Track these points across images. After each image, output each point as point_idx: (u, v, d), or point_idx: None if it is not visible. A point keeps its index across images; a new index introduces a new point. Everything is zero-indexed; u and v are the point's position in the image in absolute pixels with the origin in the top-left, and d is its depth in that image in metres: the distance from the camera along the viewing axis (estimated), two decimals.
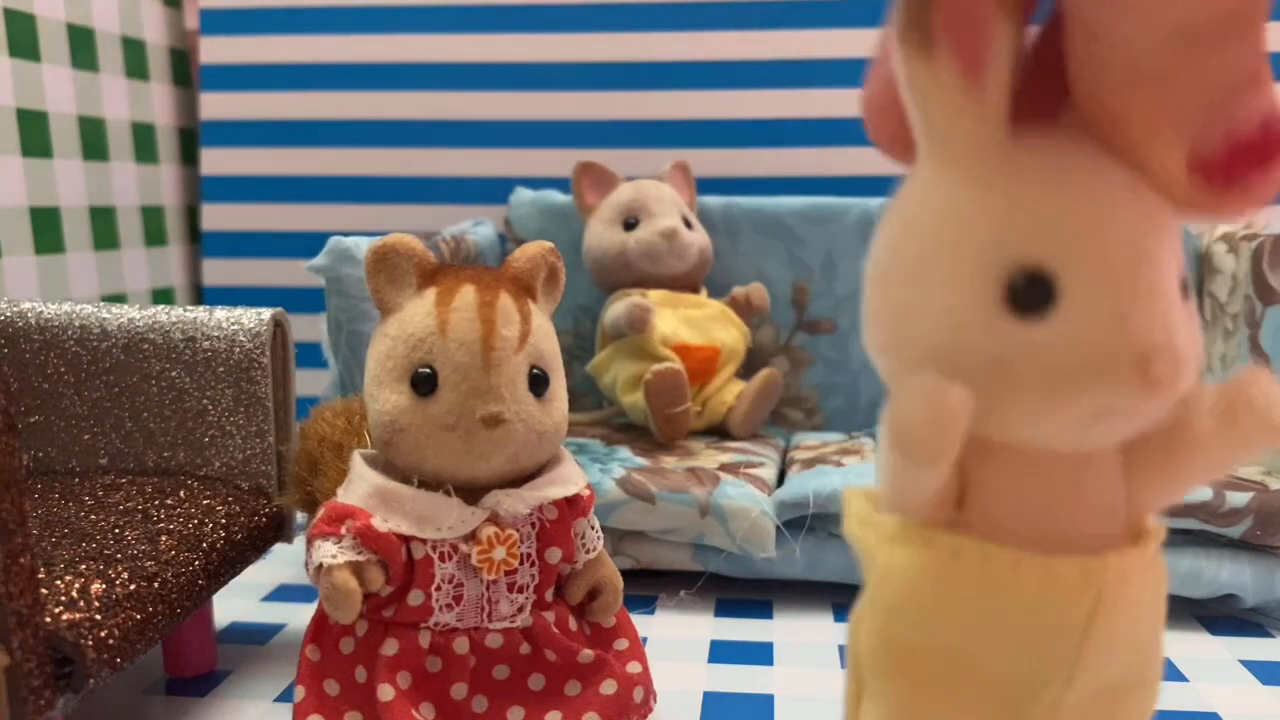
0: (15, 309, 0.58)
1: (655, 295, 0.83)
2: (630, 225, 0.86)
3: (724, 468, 0.73)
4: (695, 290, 0.88)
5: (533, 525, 0.45)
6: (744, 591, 0.73)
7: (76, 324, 0.58)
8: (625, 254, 0.85)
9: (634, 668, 0.48)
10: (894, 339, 0.18)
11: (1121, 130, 0.16)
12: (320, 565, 0.42)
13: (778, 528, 0.69)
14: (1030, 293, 0.16)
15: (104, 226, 0.99)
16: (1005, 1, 0.15)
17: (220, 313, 0.58)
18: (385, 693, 0.43)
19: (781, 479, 0.77)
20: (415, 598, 0.44)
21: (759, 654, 0.63)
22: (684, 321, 0.83)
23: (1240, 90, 0.15)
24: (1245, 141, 0.15)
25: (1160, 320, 0.16)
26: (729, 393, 0.84)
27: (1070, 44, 0.15)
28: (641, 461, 0.74)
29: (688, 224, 0.88)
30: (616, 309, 0.81)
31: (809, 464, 0.75)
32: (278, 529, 0.57)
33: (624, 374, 0.81)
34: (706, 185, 0.99)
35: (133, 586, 0.43)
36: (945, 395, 0.17)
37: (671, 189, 0.89)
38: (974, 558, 0.18)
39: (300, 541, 0.48)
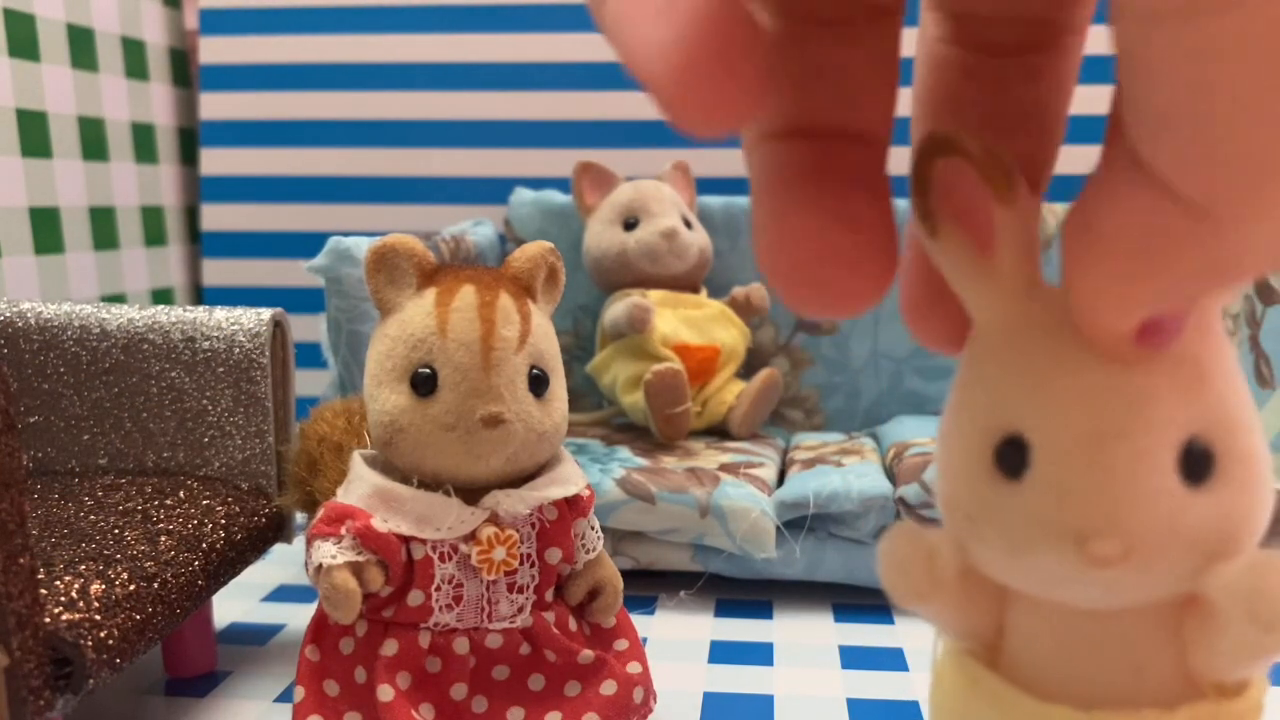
0: (15, 309, 0.58)
1: (655, 295, 0.83)
2: (630, 225, 0.86)
3: (724, 468, 0.73)
4: (695, 290, 0.88)
5: (533, 525, 0.45)
6: (744, 591, 0.73)
7: (76, 324, 0.58)
8: (625, 254, 0.85)
9: (634, 668, 0.48)
10: (937, 480, 0.19)
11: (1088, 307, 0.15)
12: (320, 565, 0.42)
13: (778, 528, 0.69)
14: (1009, 456, 0.17)
15: (104, 227, 0.99)
16: (997, 185, 0.15)
17: (220, 313, 0.58)
18: (385, 693, 0.43)
19: (782, 479, 0.77)
20: (415, 598, 0.44)
21: (759, 654, 0.63)
22: (684, 321, 0.83)
23: None
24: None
25: (1107, 501, 0.16)
26: (729, 393, 0.84)
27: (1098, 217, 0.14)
28: (641, 461, 0.74)
29: (688, 224, 0.88)
30: (616, 309, 0.81)
31: (809, 464, 0.75)
32: (277, 529, 0.57)
33: (624, 374, 0.81)
34: (706, 185, 0.99)
35: (132, 587, 0.43)
36: (917, 540, 0.18)
37: (671, 189, 0.89)
38: (988, 689, 0.19)
39: (300, 542, 0.48)
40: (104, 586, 0.42)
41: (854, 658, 0.62)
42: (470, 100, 1.08)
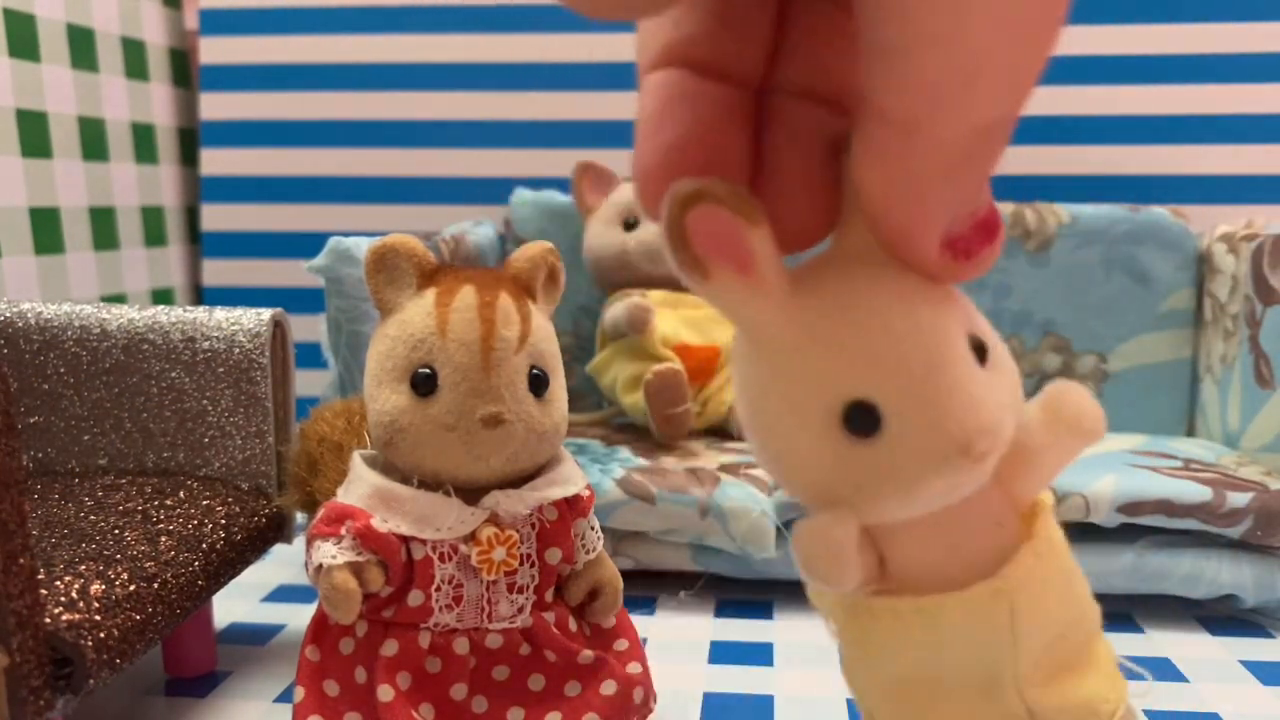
0: (15, 309, 0.58)
1: (655, 296, 0.83)
2: (630, 225, 0.86)
3: (724, 468, 0.73)
4: None
5: (532, 526, 0.45)
6: (744, 592, 0.73)
7: (76, 324, 0.58)
8: (625, 254, 0.85)
9: (634, 668, 0.48)
10: (780, 481, 0.21)
11: (886, 227, 0.18)
12: (320, 566, 0.42)
13: (778, 528, 0.69)
14: (861, 417, 0.19)
15: (104, 227, 0.99)
16: (748, 214, 0.17)
17: (220, 313, 0.58)
18: (385, 693, 0.43)
19: None
20: (415, 598, 0.44)
21: (759, 654, 0.63)
22: (684, 322, 0.83)
23: (989, 175, 0.17)
24: (982, 221, 0.18)
25: (965, 409, 0.19)
26: (729, 393, 0.84)
27: (861, 147, 0.17)
28: (641, 462, 0.74)
29: None
30: (616, 310, 0.81)
31: None
32: (277, 529, 0.57)
33: (624, 374, 0.81)
34: None
35: (132, 587, 0.43)
36: (829, 530, 0.21)
37: None
38: (910, 612, 0.22)
39: (300, 542, 0.48)
40: (104, 587, 0.42)
41: None
42: (470, 100, 1.08)
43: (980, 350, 0.20)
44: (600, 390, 0.88)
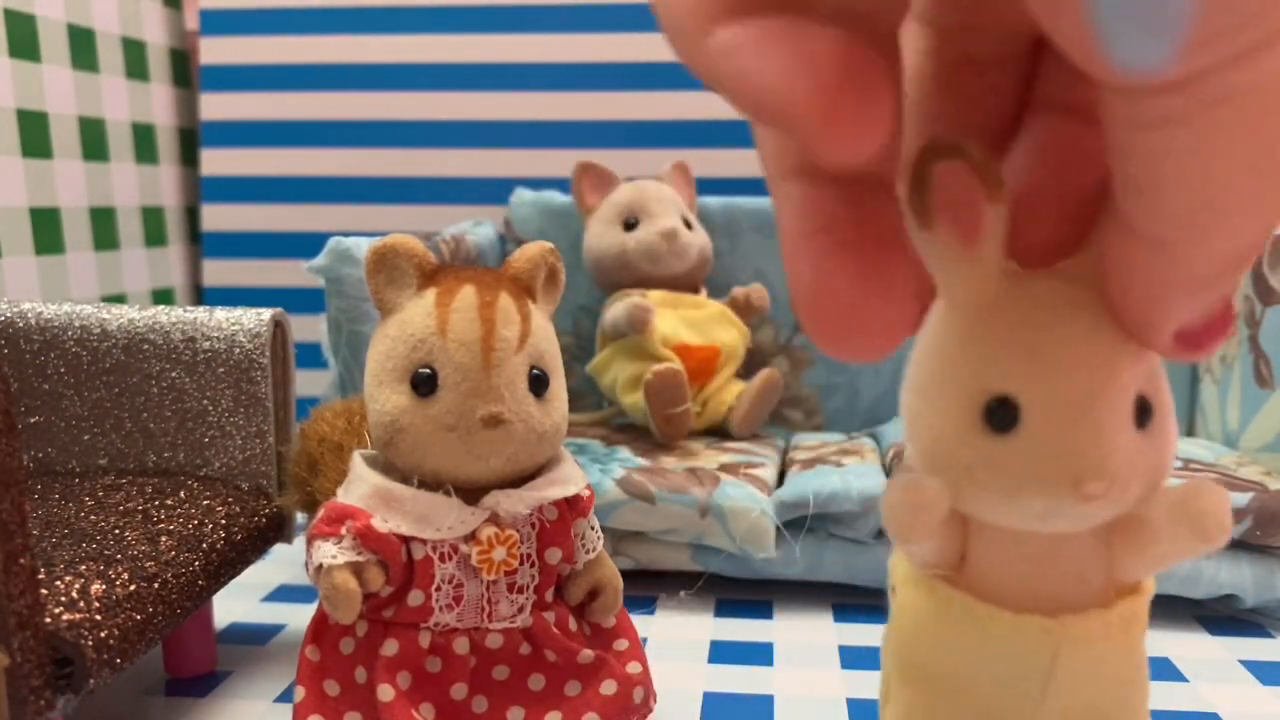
0: (15, 309, 0.58)
1: (655, 296, 0.83)
2: (630, 226, 0.86)
3: (724, 468, 0.73)
4: (695, 290, 0.88)
5: (533, 526, 0.45)
6: (744, 591, 0.73)
7: (76, 324, 0.58)
8: (625, 254, 0.85)
9: (634, 668, 0.48)
10: (907, 437, 0.22)
11: (1123, 310, 0.19)
12: (320, 565, 0.42)
13: (778, 528, 0.69)
14: (1000, 414, 0.20)
15: (104, 227, 0.99)
16: (992, 188, 0.18)
17: (220, 313, 0.58)
18: (385, 693, 0.43)
19: (782, 479, 0.77)
20: (415, 598, 0.44)
21: (759, 654, 0.63)
22: (684, 322, 0.83)
23: (1235, 290, 0.18)
24: (1217, 317, 0.18)
25: (1097, 450, 0.20)
26: (729, 393, 0.84)
27: (1108, 241, 0.18)
28: (641, 461, 0.74)
29: (688, 224, 0.88)
30: (616, 310, 0.81)
31: (808, 464, 0.75)
32: (278, 529, 0.57)
33: (624, 374, 0.81)
34: (706, 185, 0.99)
35: (133, 587, 0.43)
36: (921, 490, 0.21)
37: (671, 189, 0.89)
38: (960, 609, 0.23)
39: (300, 542, 0.48)
40: (104, 586, 0.42)
41: (854, 658, 0.62)
42: (470, 100, 1.08)
43: (1144, 411, 0.20)
44: (600, 390, 0.88)
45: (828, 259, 0.17)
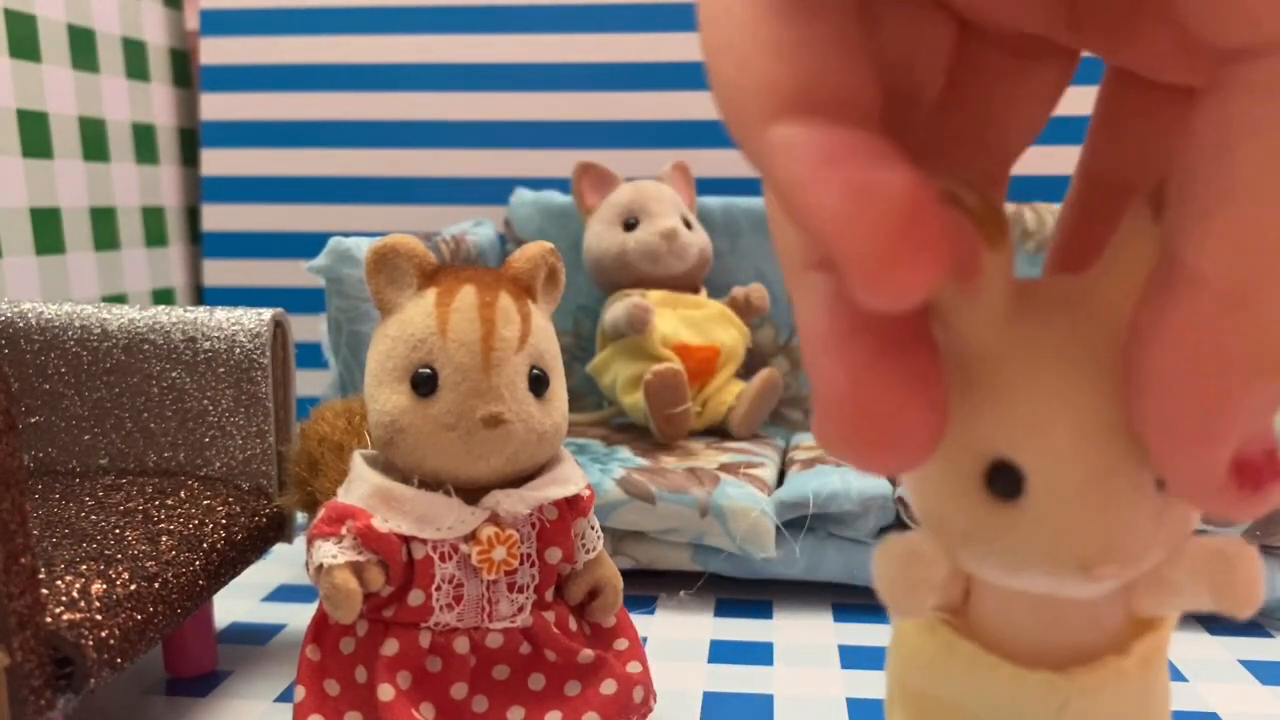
0: (15, 309, 0.58)
1: (655, 296, 0.83)
2: (630, 226, 0.86)
3: (724, 468, 0.74)
4: (695, 290, 0.88)
5: (533, 525, 0.45)
6: (744, 591, 0.73)
7: (77, 324, 0.58)
8: (625, 254, 0.85)
9: (634, 668, 0.48)
10: (910, 491, 0.20)
11: (1174, 418, 0.15)
12: (320, 565, 0.42)
13: (778, 528, 0.69)
14: (1002, 480, 0.18)
15: (104, 227, 0.99)
16: (994, 239, 0.16)
17: (220, 313, 0.58)
18: (385, 693, 0.43)
19: (781, 479, 0.77)
20: (415, 598, 0.44)
21: (759, 654, 0.63)
22: (684, 322, 0.83)
23: None
24: (1274, 452, 0.15)
25: (1108, 531, 0.17)
26: (729, 393, 0.84)
27: (1159, 302, 0.14)
28: (641, 461, 0.74)
29: (688, 224, 0.88)
30: (616, 310, 0.81)
31: (808, 464, 0.75)
32: (278, 529, 0.57)
33: (624, 374, 0.82)
34: (706, 185, 0.99)
35: (133, 587, 0.43)
36: (916, 563, 0.20)
37: (671, 190, 0.89)
38: (964, 655, 0.21)
39: (300, 542, 0.48)
40: (105, 586, 0.42)
41: (854, 657, 0.62)
42: (470, 100, 1.08)
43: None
44: (600, 390, 0.88)
45: (868, 366, 0.15)
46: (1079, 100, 0.21)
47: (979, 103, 0.18)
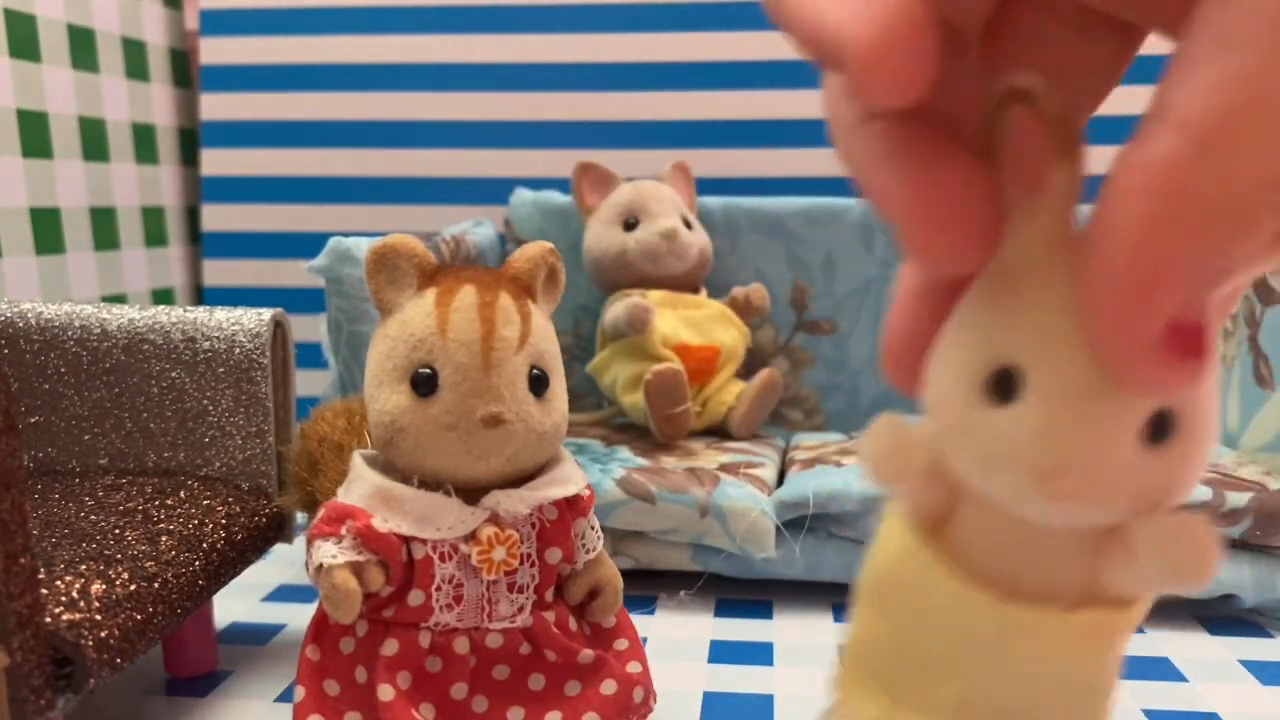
0: (15, 309, 0.58)
1: (655, 296, 0.83)
2: (630, 226, 0.86)
3: (724, 468, 0.74)
4: (695, 290, 0.88)
5: (533, 525, 0.45)
6: (744, 591, 0.73)
7: (77, 324, 0.58)
8: (625, 255, 0.85)
9: (634, 668, 0.48)
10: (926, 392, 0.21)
11: (1117, 262, 0.15)
12: (320, 565, 0.42)
13: (778, 528, 0.69)
14: (1000, 386, 0.19)
15: (104, 227, 0.99)
16: (1064, 147, 0.16)
17: (220, 313, 0.58)
18: (385, 693, 0.43)
19: (782, 479, 0.77)
20: (415, 598, 0.44)
21: (759, 654, 0.63)
22: (684, 322, 0.83)
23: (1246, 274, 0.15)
24: (1207, 328, 0.15)
25: (1078, 448, 0.18)
26: (729, 393, 0.84)
27: (1130, 149, 0.15)
28: (641, 461, 0.74)
29: (687, 224, 0.88)
30: (616, 310, 0.81)
31: (808, 464, 0.75)
32: (278, 529, 0.57)
33: (624, 374, 0.82)
34: (706, 185, 0.99)
35: (133, 587, 0.43)
36: (903, 429, 0.21)
37: (671, 189, 0.89)
38: (922, 560, 0.22)
39: (300, 542, 0.48)
40: (105, 586, 0.42)
41: None
42: (470, 100, 1.08)
43: (1162, 426, 0.18)
44: (600, 390, 0.88)
45: (924, 171, 0.17)
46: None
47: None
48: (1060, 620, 0.21)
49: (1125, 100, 0.23)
